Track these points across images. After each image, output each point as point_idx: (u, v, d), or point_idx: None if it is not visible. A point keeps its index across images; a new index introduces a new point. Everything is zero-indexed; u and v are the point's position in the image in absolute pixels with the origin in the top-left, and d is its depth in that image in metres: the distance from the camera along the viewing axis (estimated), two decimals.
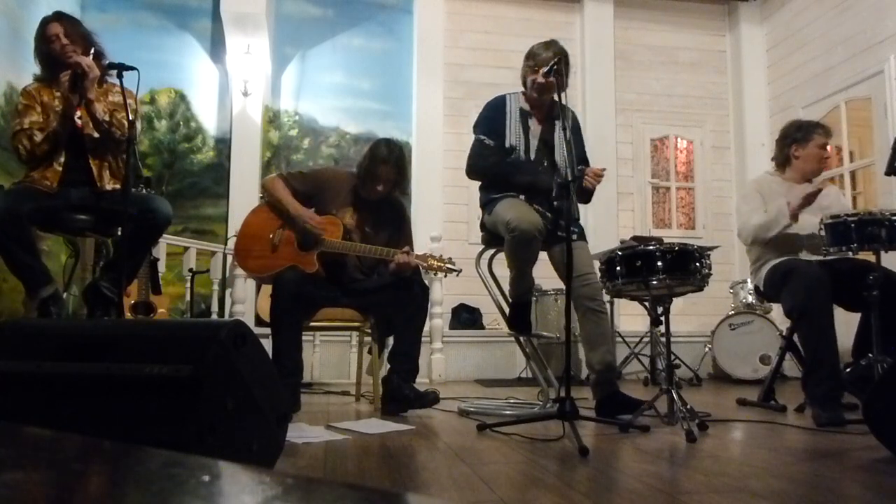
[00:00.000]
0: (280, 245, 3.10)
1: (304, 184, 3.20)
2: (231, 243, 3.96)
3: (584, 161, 3.08)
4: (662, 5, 6.57)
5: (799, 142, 3.25)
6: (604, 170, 2.94)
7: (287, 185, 3.16)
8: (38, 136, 2.80)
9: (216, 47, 5.92)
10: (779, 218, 3.00)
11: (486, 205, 3.05)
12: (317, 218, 3.11)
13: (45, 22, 2.93)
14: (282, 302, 2.95)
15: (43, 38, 2.90)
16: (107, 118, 2.85)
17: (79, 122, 2.87)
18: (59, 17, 2.94)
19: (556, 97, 2.91)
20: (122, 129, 2.85)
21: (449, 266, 3.03)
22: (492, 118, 3.05)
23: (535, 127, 3.04)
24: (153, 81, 5.66)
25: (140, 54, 4.50)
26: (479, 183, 3.15)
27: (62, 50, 2.83)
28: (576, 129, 3.12)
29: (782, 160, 3.32)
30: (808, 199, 2.94)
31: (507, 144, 2.99)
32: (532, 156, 3.01)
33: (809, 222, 3.00)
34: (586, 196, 2.98)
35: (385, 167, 3.12)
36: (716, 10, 6.68)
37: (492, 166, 3.00)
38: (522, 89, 3.08)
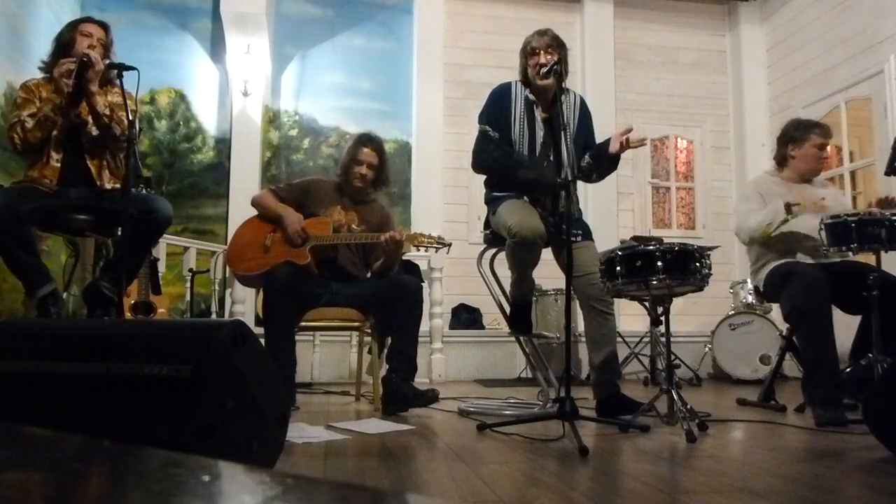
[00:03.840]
0: (272, 246, 3.15)
1: (291, 192, 3.30)
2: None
3: (592, 146, 3.05)
4: (662, 5, 6.57)
5: (796, 141, 3.24)
6: (630, 129, 2.86)
7: (275, 195, 3.27)
8: (30, 123, 2.80)
9: (216, 47, 5.92)
10: (775, 215, 3.00)
11: (490, 203, 3.04)
12: (301, 223, 3.14)
13: (87, 20, 3.02)
14: (273, 294, 2.98)
15: (77, 29, 2.94)
16: (108, 112, 2.86)
17: (77, 118, 2.87)
18: (101, 22, 3.04)
19: (559, 84, 2.85)
20: (122, 126, 2.86)
21: (439, 241, 3.09)
22: (497, 106, 3.00)
23: (540, 117, 2.99)
24: (153, 81, 5.67)
25: (140, 54, 4.50)
26: (482, 179, 3.13)
27: (88, 48, 2.86)
28: (584, 114, 3.09)
29: (780, 159, 3.32)
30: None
31: (513, 136, 2.95)
32: (537, 149, 2.97)
33: (808, 223, 2.99)
34: (612, 162, 2.95)
35: (367, 149, 3.25)
36: (716, 10, 6.68)
37: (495, 161, 2.96)
38: (521, 80, 3.04)
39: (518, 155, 2.95)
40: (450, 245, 3.15)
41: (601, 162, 2.96)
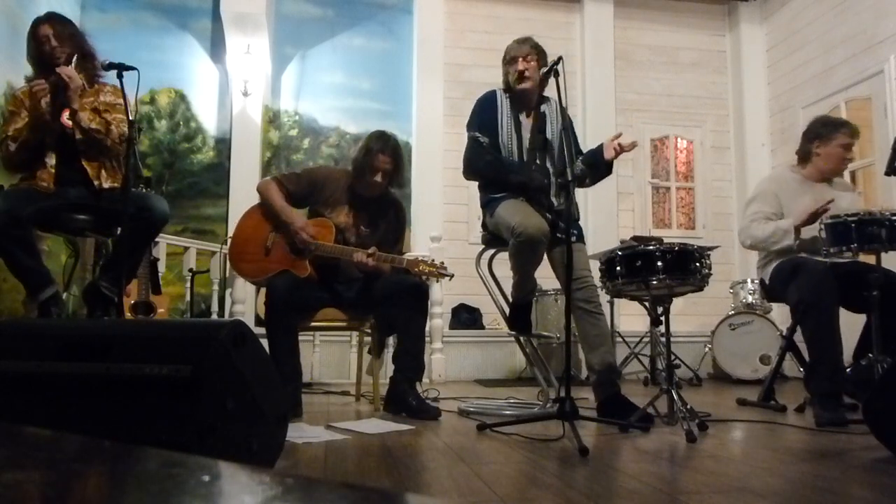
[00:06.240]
0: (273, 249, 3.07)
1: (299, 184, 3.17)
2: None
3: (580, 152, 3.10)
4: (662, 5, 6.57)
5: (822, 138, 3.16)
6: (620, 134, 2.92)
7: (281, 188, 3.13)
8: (13, 146, 2.80)
9: (216, 47, 5.92)
10: (783, 239, 2.99)
11: (487, 205, 3.05)
12: (308, 228, 3.04)
13: (37, 23, 2.95)
14: (274, 308, 2.93)
15: (34, 39, 2.91)
16: (93, 126, 2.85)
17: (67, 122, 2.85)
18: (49, 17, 2.95)
19: (540, 90, 3.04)
20: (119, 128, 2.86)
21: (441, 271, 3.02)
22: (484, 113, 3.05)
23: (525, 122, 3.05)
24: (153, 81, 5.67)
25: (140, 54, 4.51)
26: (478, 182, 3.15)
27: (52, 52, 2.84)
28: (568, 126, 3.11)
29: (804, 155, 3.24)
30: (814, 218, 2.90)
31: (500, 141, 2.99)
32: (525, 154, 3.01)
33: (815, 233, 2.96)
34: (608, 168, 2.96)
35: (382, 157, 3.08)
36: (716, 10, 6.68)
37: (486, 166, 2.99)
38: (504, 88, 3.10)
39: (508, 160, 2.99)
40: (451, 276, 3.07)
41: (596, 169, 2.99)
